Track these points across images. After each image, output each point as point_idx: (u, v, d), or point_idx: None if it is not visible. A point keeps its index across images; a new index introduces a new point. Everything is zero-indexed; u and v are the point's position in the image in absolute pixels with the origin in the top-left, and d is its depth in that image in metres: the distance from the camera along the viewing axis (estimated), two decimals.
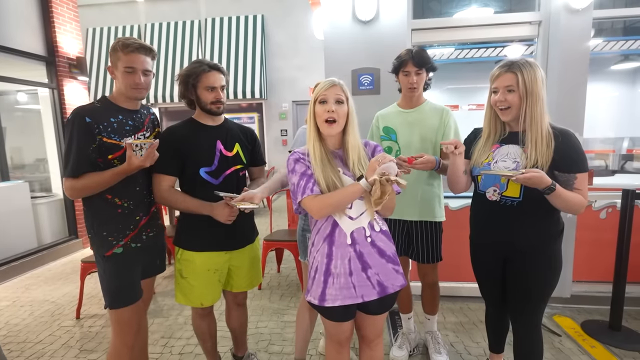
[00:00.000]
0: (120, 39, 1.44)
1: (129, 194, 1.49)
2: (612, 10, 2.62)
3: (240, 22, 7.44)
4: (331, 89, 1.26)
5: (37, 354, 2.21)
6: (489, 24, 2.62)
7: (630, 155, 5.26)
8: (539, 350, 1.52)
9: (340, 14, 2.53)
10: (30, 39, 3.98)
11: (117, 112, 1.47)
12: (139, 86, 1.46)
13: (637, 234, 2.30)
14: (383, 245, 1.28)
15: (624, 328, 2.25)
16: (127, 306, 1.49)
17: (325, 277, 1.25)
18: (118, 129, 1.45)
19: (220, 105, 1.60)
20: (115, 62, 1.45)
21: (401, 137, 1.88)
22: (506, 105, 1.38)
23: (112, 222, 1.47)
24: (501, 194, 1.42)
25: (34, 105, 4.70)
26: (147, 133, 1.57)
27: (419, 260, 1.91)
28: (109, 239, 1.46)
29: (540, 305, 1.48)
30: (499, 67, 1.40)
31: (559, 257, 1.44)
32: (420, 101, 1.89)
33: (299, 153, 1.32)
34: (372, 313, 1.33)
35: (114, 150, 1.44)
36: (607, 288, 2.32)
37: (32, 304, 2.91)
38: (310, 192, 1.23)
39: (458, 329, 2.35)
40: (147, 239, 1.56)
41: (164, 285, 3.19)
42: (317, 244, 1.29)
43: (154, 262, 1.65)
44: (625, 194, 2.18)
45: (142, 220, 1.54)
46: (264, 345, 2.23)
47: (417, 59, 1.75)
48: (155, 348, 2.22)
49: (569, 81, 2.42)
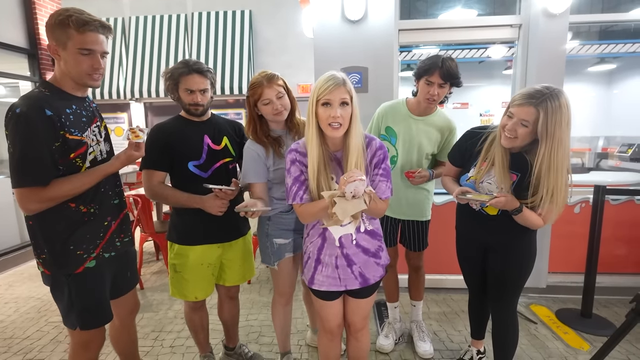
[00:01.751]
0: (73, 13, 1.16)
1: (95, 197, 1.29)
2: (588, 16, 2.76)
3: (228, 17, 7.39)
4: (336, 91, 1.17)
5: (25, 350, 2.20)
6: (472, 26, 2.73)
7: (605, 153, 5.52)
8: (514, 333, 1.64)
9: (330, 13, 2.59)
10: (11, 30, 3.88)
11: (70, 102, 1.24)
12: (98, 71, 1.23)
13: (607, 228, 2.45)
14: (366, 244, 1.37)
15: (594, 315, 2.40)
16: (101, 326, 1.35)
17: (315, 265, 1.38)
18: (76, 122, 1.23)
19: (199, 108, 1.60)
20: (64, 41, 1.17)
21: (401, 144, 1.88)
22: (514, 135, 1.31)
23: (79, 233, 1.25)
24: (482, 208, 1.53)
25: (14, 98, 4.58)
26: (99, 123, 1.37)
27: (409, 248, 2.05)
28: (77, 253, 1.25)
29: (515, 292, 1.59)
30: (524, 97, 1.28)
31: (533, 248, 1.55)
32: (432, 110, 1.84)
33: (297, 153, 1.30)
34: (354, 297, 1.42)
35: (76, 148, 1.21)
36: (579, 279, 2.46)
37: (17, 300, 2.88)
38: (299, 200, 1.29)
39: (441, 318, 2.46)
40: (122, 245, 1.42)
41: (152, 280, 3.20)
42: (312, 237, 1.39)
43: (125, 274, 1.48)
44: (596, 190, 2.32)
45: (111, 225, 1.36)
46: (255, 337, 2.29)
47: (446, 71, 1.62)
48: (146, 342, 2.24)
49: (547, 82, 2.50)
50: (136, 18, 7.46)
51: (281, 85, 1.58)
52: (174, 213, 1.71)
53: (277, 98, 1.55)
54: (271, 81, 1.54)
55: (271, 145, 1.59)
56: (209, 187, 1.50)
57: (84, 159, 1.25)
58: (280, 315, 1.82)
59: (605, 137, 5.69)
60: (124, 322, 1.57)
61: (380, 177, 1.30)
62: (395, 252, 2.10)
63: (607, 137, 5.68)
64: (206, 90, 1.60)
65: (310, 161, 1.24)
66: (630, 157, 4.81)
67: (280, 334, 1.89)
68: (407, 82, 3.18)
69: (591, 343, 2.15)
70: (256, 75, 1.59)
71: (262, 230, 1.71)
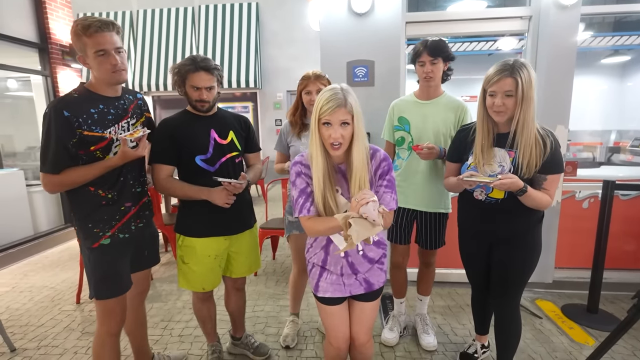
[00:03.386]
0: (79, 22, 1.29)
1: (113, 185, 1.44)
2: (600, 7, 2.70)
3: (235, 10, 7.36)
4: (336, 113, 1.15)
5: (40, 337, 2.28)
6: (481, 18, 2.68)
7: (617, 147, 5.41)
8: (517, 329, 1.64)
9: (336, 6, 2.57)
10: (22, 25, 3.93)
11: (97, 102, 1.38)
12: (117, 67, 1.35)
13: (616, 223, 2.42)
14: (372, 255, 1.37)
15: (600, 311, 2.39)
16: (112, 298, 1.46)
17: (320, 272, 1.38)
18: (99, 120, 1.37)
19: (205, 104, 1.62)
20: (83, 49, 1.32)
21: (414, 129, 1.90)
22: (504, 109, 1.38)
23: (97, 213, 1.42)
24: (487, 194, 1.51)
25: (25, 92, 4.66)
26: (132, 120, 1.50)
27: (424, 247, 2.02)
28: (94, 231, 1.42)
29: (519, 288, 1.59)
30: (498, 72, 1.37)
31: (538, 243, 1.55)
32: (437, 93, 1.89)
33: (301, 165, 1.31)
34: (360, 300, 1.41)
35: (97, 142, 1.37)
36: (586, 274, 2.44)
37: (32, 289, 2.97)
38: (306, 213, 1.26)
39: (446, 312, 2.48)
40: (136, 229, 1.53)
41: (161, 271, 3.27)
42: (315, 249, 1.39)
43: (142, 253, 1.62)
44: (605, 185, 2.29)
45: (130, 210, 1.50)
46: (261, 328, 2.33)
47: (432, 48, 1.75)
48: (155, 331, 2.30)
49: (557, 75, 2.50)
50: (144, 11, 7.48)
51: (324, 84, 1.86)
52: (181, 206, 1.74)
53: (317, 93, 1.81)
54: (317, 79, 1.88)
55: (297, 127, 1.95)
56: (219, 180, 1.54)
57: (106, 151, 1.40)
58: (292, 282, 2.17)
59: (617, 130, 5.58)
60: (132, 302, 1.63)
61: (384, 189, 1.29)
62: (407, 250, 2.06)
63: (619, 131, 5.57)
64: (212, 88, 1.62)
65: (315, 173, 1.24)
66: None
67: (292, 297, 2.22)
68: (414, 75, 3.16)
69: (596, 338, 2.14)
70: (309, 71, 1.93)
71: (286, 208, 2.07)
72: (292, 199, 1.35)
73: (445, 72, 1.84)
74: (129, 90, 1.57)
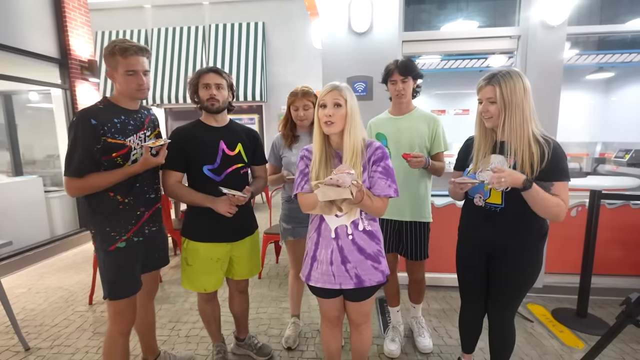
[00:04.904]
0: (117, 43, 1.39)
1: (129, 191, 1.47)
2: (585, 27, 2.72)
3: (242, 29, 7.46)
4: (330, 93, 1.28)
5: (53, 336, 2.26)
6: (472, 37, 2.71)
7: (602, 158, 5.40)
8: (512, 337, 1.56)
9: (337, 25, 2.60)
10: (44, 42, 3.99)
11: (119, 113, 1.46)
12: (142, 87, 1.45)
13: (603, 231, 2.40)
14: (363, 244, 1.34)
15: (589, 315, 2.36)
16: (125, 298, 1.49)
17: (312, 262, 1.38)
18: (121, 129, 1.44)
19: (215, 103, 1.63)
20: (115, 66, 1.41)
21: (391, 142, 1.92)
22: (489, 115, 1.39)
23: (115, 218, 1.45)
24: (485, 200, 1.44)
25: (46, 104, 4.71)
26: (147, 132, 1.57)
27: (407, 257, 1.97)
28: (111, 234, 1.45)
29: (517, 299, 1.49)
30: (482, 80, 1.41)
31: (539, 258, 1.44)
32: (409, 108, 1.93)
33: (306, 151, 1.41)
34: (352, 300, 1.40)
35: (118, 149, 1.43)
36: (576, 279, 2.42)
37: (47, 290, 2.95)
38: (300, 190, 1.35)
39: (441, 315, 2.44)
40: (149, 232, 1.57)
41: (170, 274, 3.25)
42: (310, 232, 1.41)
43: (153, 255, 1.65)
44: (592, 194, 2.28)
45: (144, 215, 1.53)
46: (264, 329, 2.30)
47: (402, 68, 1.80)
48: (163, 331, 2.28)
49: (544, 91, 2.51)
50: (158, 30, 7.59)
51: (311, 101, 1.89)
52: (187, 212, 1.75)
53: (303, 109, 1.89)
54: (304, 95, 1.88)
55: (289, 139, 1.95)
56: (224, 192, 1.55)
57: (126, 158, 1.45)
58: (290, 285, 2.18)
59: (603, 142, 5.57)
60: (140, 300, 1.64)
61: (379, 175, 1.30)
62: (395, 258, 2.02)
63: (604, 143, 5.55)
64: (222, 86, 1.64)
65: (314, 155, 1.34)
66: (627, 162, 4.70)
67: (291, 300, 2.20)
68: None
69: (586, 342, 2.11)
70: (299, 86, 1.92)
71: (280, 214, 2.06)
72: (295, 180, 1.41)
73: (414, 89, 1.88)
74: (143, 106, 1.63)
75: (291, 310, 2.23)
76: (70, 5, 4.20)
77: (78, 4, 4.33)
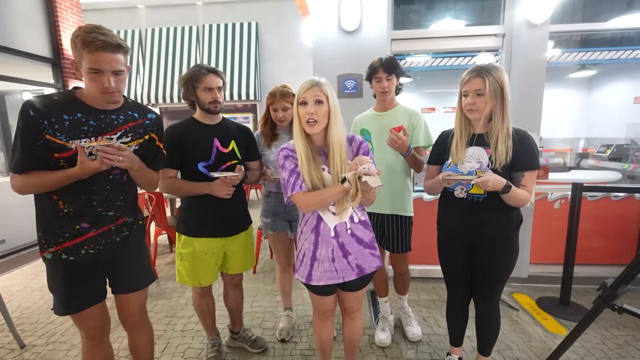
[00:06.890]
0: (81, 31, 1.09)
1: (72, 199, 1.21)
2: (567, 25, 2.74)
3: (236, 29, 7.40)
4: (310, 90, 1.21)
5: (48, 333, 2.23)
6: (460, 36, 2.72)
7: (585, 153, 5.48)
8: (497, 323, 1.60)
9: (328, 24, 2.59)
10: (37, 41, 3.91)
11: (76, 110, 1.17)
12: (108, 90, 1.14)
13: (585, 222, 2.44)
14: (361, 234, 1.35)
15: (572, 303, 2.39)
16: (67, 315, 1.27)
17: (312, 262, 1.33)
18: (69, 128, 1.15)
19: (218, 105, 1.63)
20: (79, 60, 1.12)
21: (374, 137, 1.92)
22: (475, 107, 1.39)
23: (49, 224, 1.22)
24: (467, 192, 1.47)
25: None
26: (126, 138, 1.26)
27: (391, 250, 1.97)
28: (41, 241, 1.23)
29: (500, 285, 1.53)
30: (469, 72, 1.40)
31: (516, 245, 1.50)
32: (392, 105, 1.92)
33: (288, 150, 1.31)
34: (352, 290, 1.41)
35: (59, 150, 1.15)
36: (559, 269, 2.45)
37: (42, 289, 2.91)
38: (299, 189, 1.25)
39: (430, 305, 2.46)
40: (86, 254, 1.25)
41: (166, 270, 3.22)
42: (306, 233, 1.35)
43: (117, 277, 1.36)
44: (574, 187, 2.31)
45: (87, 233, 1.24)
46: (258, 322, 2.30)
47: (387, 65, 1.79)
48: (159, 326, 2.26)
49: (528, 88, 2.53)
50: (152, 30, 7.48)
51: (290, 102, 1.86)
52: (182, 207, 1.73)
53: (282, 110, 1.88)
54: (283, 97, 1.86)
55: (268, 138, 1.94)
56: (216, 176, 1.58)
57: (71, 162, 1.16)
58: (277, 279, 2.18)
59: (585, 138, 5.65)
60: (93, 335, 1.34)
61: None
62: (382, 249, 2.01)
63: (587, 139, 5.64)
64: (221, 88, 1.64)
65: (299, 154, 1.26)
66: (608, 157, 4.78)
67: (282, 293, 2.19)
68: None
69: (568, 328, 2.14)
70: (278, 87, 1.89)
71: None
72: (282, 181, 1.31)
73: (397, 86, 1.88)
74: (140, 108, 1.33)
75: (283, 304, 2.23)
76: (62, 5, 4.12)
77: (70, 3, 4.25)
